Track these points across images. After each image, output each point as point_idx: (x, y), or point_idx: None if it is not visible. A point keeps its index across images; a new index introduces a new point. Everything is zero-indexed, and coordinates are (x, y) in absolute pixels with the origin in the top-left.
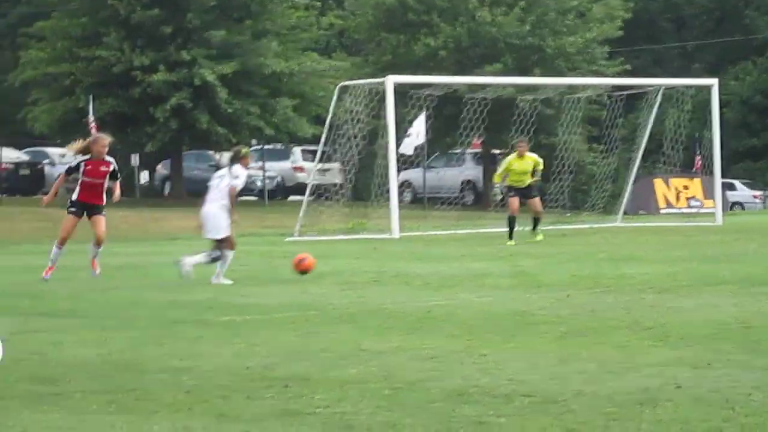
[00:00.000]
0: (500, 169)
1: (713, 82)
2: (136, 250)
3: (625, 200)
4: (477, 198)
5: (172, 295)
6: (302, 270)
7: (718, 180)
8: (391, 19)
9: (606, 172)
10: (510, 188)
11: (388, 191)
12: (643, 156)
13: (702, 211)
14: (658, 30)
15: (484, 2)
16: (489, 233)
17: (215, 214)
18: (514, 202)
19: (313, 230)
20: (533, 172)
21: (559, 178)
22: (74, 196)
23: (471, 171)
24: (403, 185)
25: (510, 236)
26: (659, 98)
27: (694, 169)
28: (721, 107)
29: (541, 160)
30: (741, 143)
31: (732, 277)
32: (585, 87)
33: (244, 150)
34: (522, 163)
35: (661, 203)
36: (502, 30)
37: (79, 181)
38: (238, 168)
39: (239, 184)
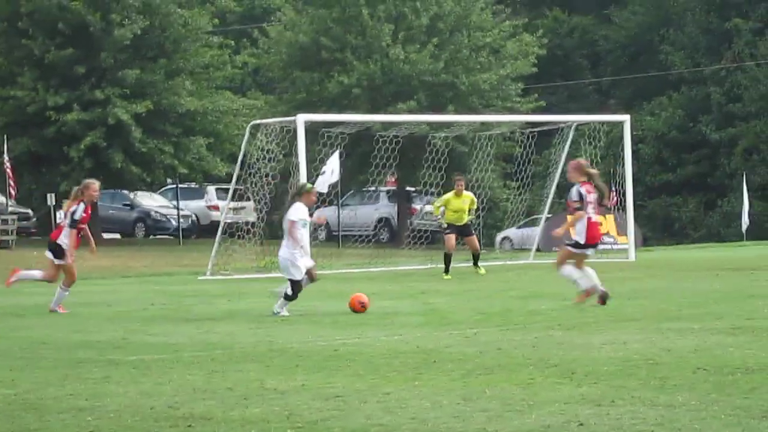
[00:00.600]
0: (438, 203)
1: (625, 118)
2: (50, 289)
3: (538, 237)
4: (392, 235)
5: (82, 335)
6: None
7: (630, 216)
8: (305, 57)
9: (520, 209)
10: (448, 225)
11: None
12: (556, 192)
13: (615, 247)
14: (573, 66)
15: (398, 40)
16: (402, 271)
17: (289, 254)
18: (451, 239)
19: (226, 269)
20: (469, 210)
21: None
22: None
23: (386, 208)
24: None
25: (446, 271)
26: (571, 134)
27: (609, 205)
28: (636, 142)
29: (475, 199)
30: (656, 178)
31: (641, 314)
32: (498, 124)
33: (308, 186)
34: (459, 201)
35: None
36: (415, 67)
37: (76, 228)
38: (298, 206)
39: (294, 217)
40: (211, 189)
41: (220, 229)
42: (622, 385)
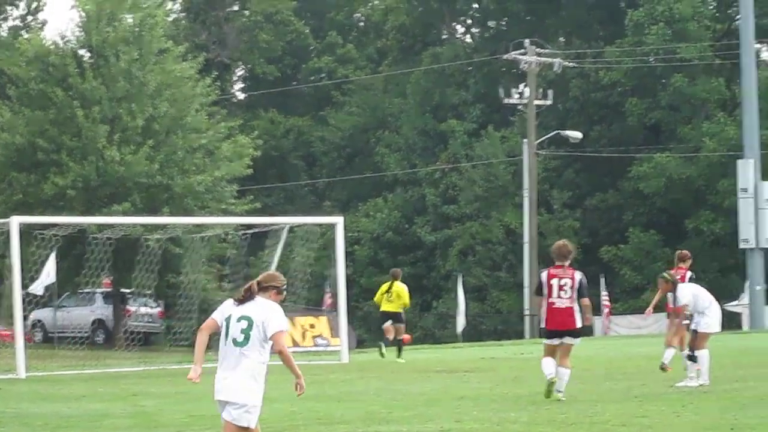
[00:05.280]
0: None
1: (338, 220)
2: None
3: None
4: (107, 337)
5: None
6: None
7: (343, 318)
8: (22, 158)
9: None
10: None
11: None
12: None
13: (329, 349)
14: (289, 167)
15: (113, 141)
16: (115, 373)
17: None
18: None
19: None
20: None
21: (188, 317)
22: None
23: (101, 310)
24: (35, 325)
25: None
26: (284, 236)
27: (324, 307)
28: (352, 244)
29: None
30: (371, 280)
31: (351, 416)
32: (213, 225)
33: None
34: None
35: (288, 342)
36: (130, 169)
37: None
38: None
39: None
40: None
41: None
42: None
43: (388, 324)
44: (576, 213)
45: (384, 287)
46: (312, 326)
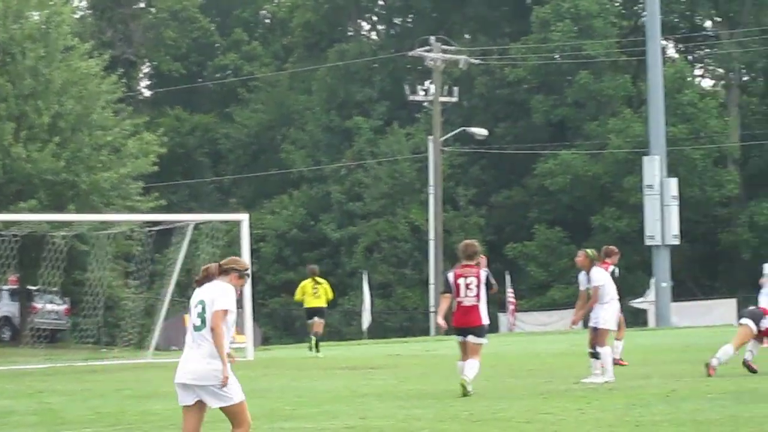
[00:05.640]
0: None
1: (243, 217)
2: None
3: (156, 335)
4: (14, 334)
5: None
6: None
7: (249, 315)
8: None
9: (141, 308)
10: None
11: None
12: (176, 291)
13: (234, 346)
14: (194, 165)
15: (20, 138)
16: (21, 370)
17: None
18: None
19: None
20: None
21: (93, 314)
22: None
23: (7, 307)
24: None
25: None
26: (189, 233)
27: None
28: (258, 241)
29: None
30: (277, 277)
31: (254, 414)
32: (119, 222)
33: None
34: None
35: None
36: (37, 166)
37: None
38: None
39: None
40: None
41: None
42: None
43: (315, 319)
44: (481, 210)
45: (307, 285)
46: None
